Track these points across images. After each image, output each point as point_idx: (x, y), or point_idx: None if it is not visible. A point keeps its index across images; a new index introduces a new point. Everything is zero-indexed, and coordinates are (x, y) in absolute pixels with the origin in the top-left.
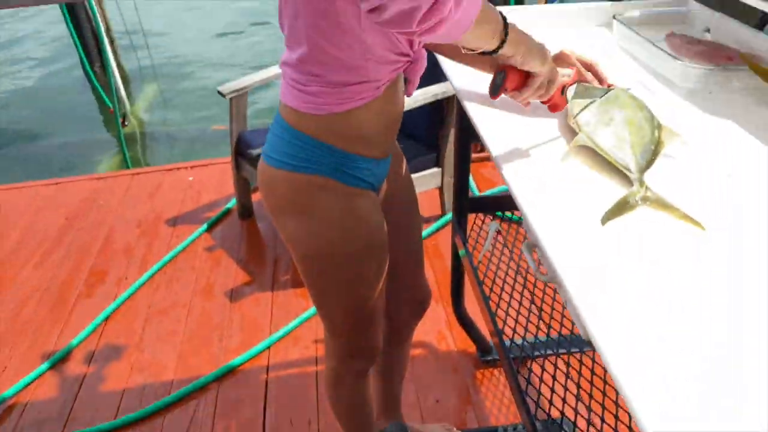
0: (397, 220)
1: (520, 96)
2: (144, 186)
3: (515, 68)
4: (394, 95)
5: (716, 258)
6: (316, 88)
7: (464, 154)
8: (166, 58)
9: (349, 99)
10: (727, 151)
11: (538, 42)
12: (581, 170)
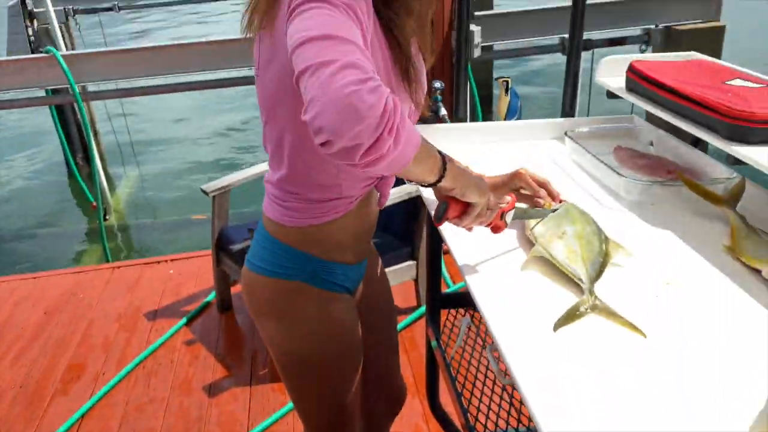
0: (373, 320)
1: (462, 223)
2: (124, 279)
3: (456, 199)
4: (367, 206)
5: (657, 364)
6: (294, 204)
7: (435, 251)
8: (148, 149)
9: (325, 213)
10: (667, 260)
11: (476, 175)
12: (539, 279)
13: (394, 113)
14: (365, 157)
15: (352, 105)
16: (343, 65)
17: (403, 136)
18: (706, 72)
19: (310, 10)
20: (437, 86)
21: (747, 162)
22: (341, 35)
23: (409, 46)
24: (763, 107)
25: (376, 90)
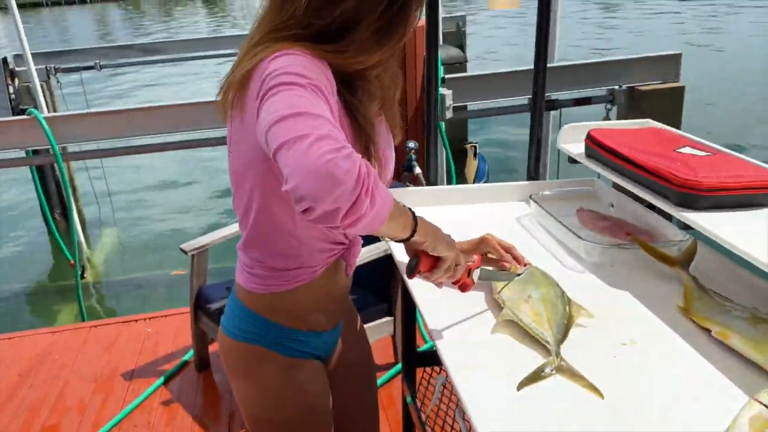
0: (350, 383)
1: (432, 277)
2: (101, 339)
3: (427, 253)
4: (333, 275)
5: (613, 425)
6: (258, 271)
7: (410, 308)
8: (128, 206)
9: (288, 281)
10: (625, 321)
11: (445, 234)
12: (508, 341)
13: (368, 176)
14: (345, 219)
15: (329, 172)
16: (318, 137)
17: (378, 197)
18: (659, 140)
19: (280, 92)
20: (411, 146)
21: (694, 227)
22: (312, 111)
23: (370, 127)
24: (708, 176)
25: (351, 156)
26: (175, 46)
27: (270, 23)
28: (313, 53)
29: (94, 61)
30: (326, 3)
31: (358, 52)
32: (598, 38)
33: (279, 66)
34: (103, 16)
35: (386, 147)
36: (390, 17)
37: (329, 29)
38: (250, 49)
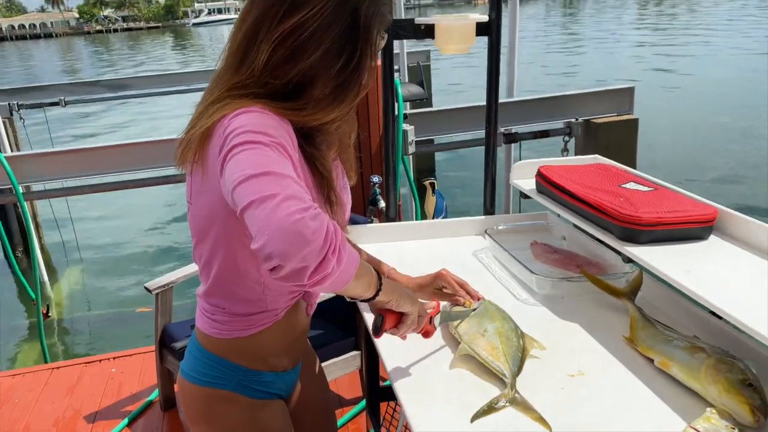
0: (311, 422)
1: (398, 332)
2: (63, 380)
3: (391, 311)
4: (295, 316)
5: None
6: (221, 317)
7: (373, 345)
8: (93, 244)
9: (251, 326)
10: (574, 353)
11: (407, 290)
12: (465, 374)
13: (336, 236)
14: (312, 277)
15: (297, 231)
16: (285, 197)
17: (344, 256)
18: (605, 175)
19: (244, 151)
20: (375, 180)
21: (635, 260)
22: (277, 171)
23: (330, 175)
24: (648, 211)
25: (318, 216)
26: (142, 81)
27: (228, 81)
28: (272, 110)
29: (59, 97)
30: (283, 63)
31: (315, 109)
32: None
33: (241, 124)
34: (69, 48)
35: (342, 190)
36: (345, 76)
37: (286, 88)
38: (209, 106)
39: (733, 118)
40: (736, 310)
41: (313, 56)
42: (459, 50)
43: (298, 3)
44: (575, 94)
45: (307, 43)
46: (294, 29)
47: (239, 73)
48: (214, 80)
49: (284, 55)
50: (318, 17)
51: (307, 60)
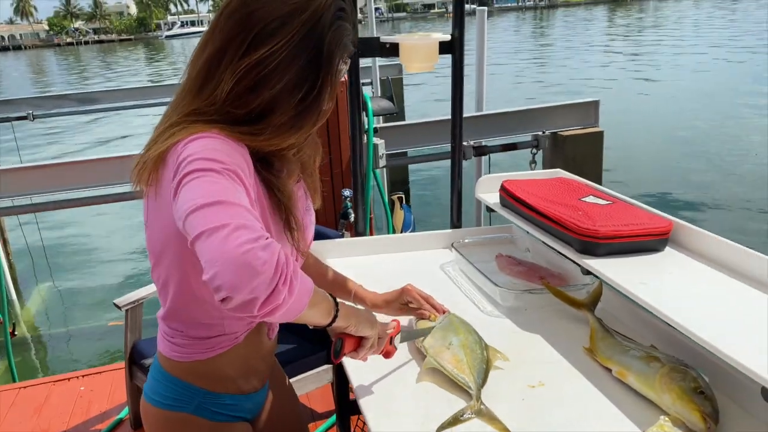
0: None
1: (358, 356)
2: (31, 400)
3: (350, 334)
4: (256, 339)
5: None
6: (180, 340)
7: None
8: (61, 257)
9: (210, 349)
10: (535, 363)
11: (366, 312)
12: (431, 387)
13: (287, 266)
14: (263, 308)
15: (247, 262)
16: (236, 227)
17: (296, 286)
18: (566, 189)
19: (196, 179)
20: (346, 194)
21: (593, 272)
22: (228, 200)
23: (289, 200)
24: (606, 225)
25: (269, 246)
26: (112, 95)
27: (188, 106)
28: (229, 135)
29: (27, 111)
30: (246, 93)
31: (272, 135)
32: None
33: (194, 151)
34: (38, 61)
35: (305, 213)
36: (306, 105)
37: (247, 117)
38: (167, 129)
39: (694, 131)
40: (688, 320)
41: (277, 87)
42: (423, 68)
43: (264, 35)
44: (542, 107)
45: (272, 74)
46: (259, 62)
47: (199, 98)
48: (173, 104)
49: (247, 85)
50: (284, 50)
51: (270, 90)
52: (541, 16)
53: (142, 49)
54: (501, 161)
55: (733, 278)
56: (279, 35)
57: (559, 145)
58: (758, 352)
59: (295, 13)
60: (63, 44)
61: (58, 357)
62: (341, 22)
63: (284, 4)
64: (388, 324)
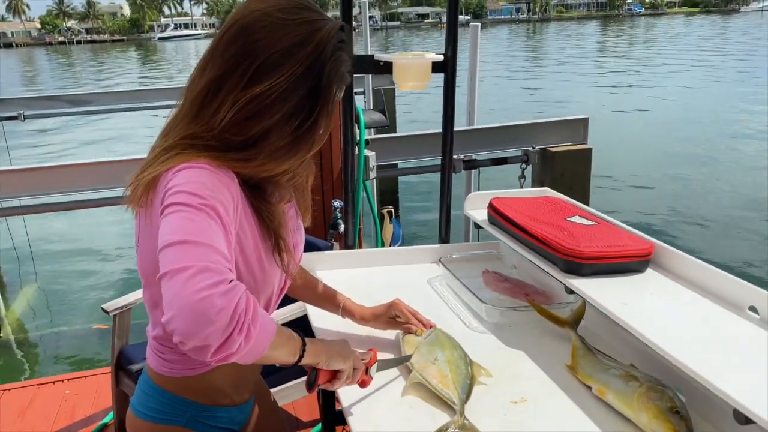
0: None
1: (333, 387)
2: (14, 403)
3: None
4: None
5: None
6: (170, 356)
7: None
8: (48, 259)
9: (201, 365)
10: (518, 380)
11: (338, 345)
12: (416, 401)
13: (245, 313)
14: (216, 355)
15: (201, 310)
16: (198, 270)
17: (254, 333)
18: (553, 209)
19: (174, 213)
20: (336, 205)
21: (577, 292)
22: (198, 240)
23: (279, 226)
24: (590, 245)
25: (228, 293)
26: (105, 97)
27: (185, 129)
28: (219, 164)
29: (18, 111)
30: (244, 122)
31: (266, 160)
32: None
33: (180, 182)
34: (30, 60)
35: (295, 231)
36: (301, 132)
37: (244, 144)
38: (162, 152)
39: (685, 148)
40: (666, 341)
41: (276, 116)
42: (416, 87)
43: (267, 68)
44: (532, 123)
45: (272, 105)
46: (261, 94)
47: (196, 123)
48: (170, 123)
49: (247, 115)
50: (285, 83)
51: (269, 120)
52: (533, 29)
53: (134, 50)
54: (490, 175)
55: (710, 301)
56: (282, 69)
57: (548, 160)
58: (731, 375)
59: (299, 46)
60: (55, 43)
61: (42, 360)
62: (339, 54)
63: (288, 35)
64: (365, 353)
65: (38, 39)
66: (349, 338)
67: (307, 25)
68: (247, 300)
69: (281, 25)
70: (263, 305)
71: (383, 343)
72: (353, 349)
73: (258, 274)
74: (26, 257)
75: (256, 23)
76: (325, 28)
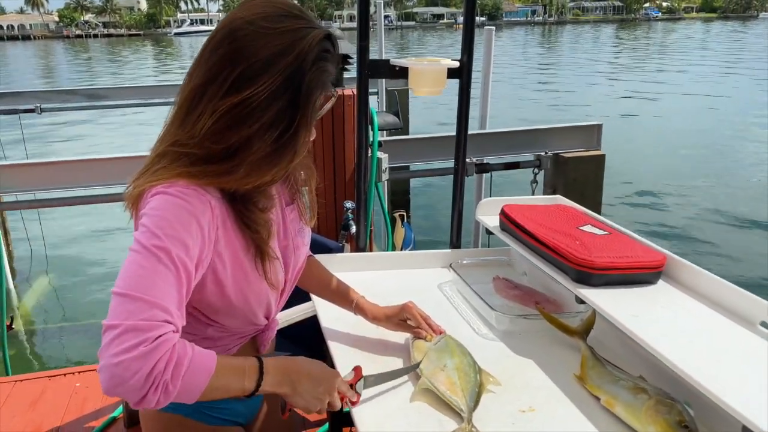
0: None
1: (307, 413)
2: (25, 394)
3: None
4: (249, 351)
5: None
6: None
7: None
8: (61, 251)
9: None
10: (526, 389)
11: (312, 368)
12: (424, 407)
13: (163, 372)
14: (137, 406)
15: (117, 373)
16: (125, 329)
17: (174, 389)
18: (565, 217)
19: (131, 253)
20: (348, 206)
21: (587, 302)
22: (135, 294)
23: (261, 234)
24: (602, 256)
25: (147, 355)
26: (121, 92)
27: (173, 136)
28: (198, 184)
29: (35, 104)
30: (224, 130)
31: (248, 171)
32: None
33: (149, 213)
34: (47, 52)
35: (297, 234)
36: (281, 143)
37: (225, 153)
38: (155, 160)
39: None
40: (676, 355)
41: (255, 126)
42: (431, 93)
43: (247, 76)
44: (545, 128)
45: (252, 114)
46: (240, 102)
47: (182, 129)
48: (165, 126)
49: (226, 124)
50: (265, 92)
51: (248, 129)
52: (549, 32)
53: (150, 45)
54: (502, 179)
55: (722, 315)
56: (262, 78)
57: (560, 166)
58: (741, 390)
59: (280, 56)
60: (72, 36)
61: (54, 352)
62: (322, 63)
63: (268, 45)
64: (348, 374)
65: (56, 32)
66: (359, 342)
67: (289, 35)
68: (170, 356)
69: (263, 33)
70: (263, 314)
71: (393, 347)
72: (333, 371)
73: (245, 287)
74: (40, 250)
75: (239, 31)
76: (307, 38)
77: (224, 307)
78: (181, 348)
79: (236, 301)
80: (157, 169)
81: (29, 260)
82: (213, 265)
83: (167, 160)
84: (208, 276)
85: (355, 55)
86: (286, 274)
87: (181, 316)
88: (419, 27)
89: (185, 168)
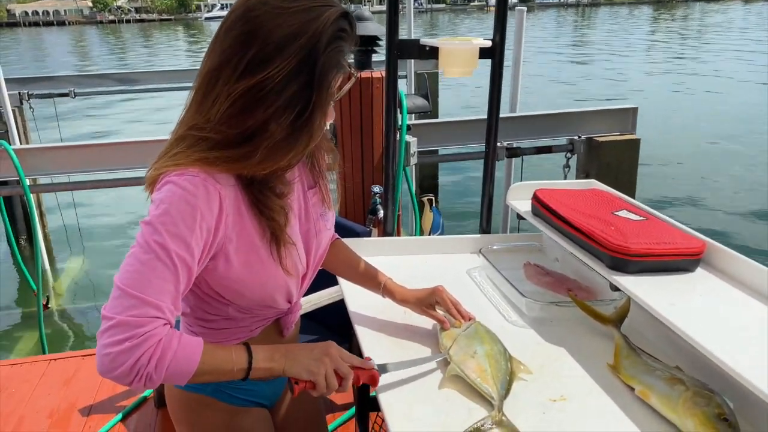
0: (300, 430)
1: (315, 393)
2: (60, 372)
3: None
4: (273, 333)
5: None
6: (197, 329)
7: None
8: (97, 236)
9: (226, 339)
10: (558, 378)
11: (308, 350)
12: (453, 394)
13: (147, 365)
14: (131, 386)
15: (106, 363)
16: (116, 324)
17: (159, 378)
18: (599, 202)
19: (133, 247)
20: (376, 191)
21: (622, 290)
22: (130, 291)
23: (277, 220)
24: (638, 242)
25: (132, 349)
26: (152, 76)
27: (191, 120)
28: (211, 171)
29: (69, 88)
30: (240, 113)
31: (264, 156)
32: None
33: (157, 204)
34: (81, 38)
35: (319, 217)
36: (297, 126)
37: (240, 137)
38: (174, 143)
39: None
40: (716, 345)
41: (270, 109)
42: (462, 73)
43: (261, 59)
44: (579, 111)
45: (266, 97)
46: (254, 86)
47: (199, 113)
48: (184, 109)
49: (242, 107)
50: (279, 75)
51: (264, 113)
52: (582, 14)
53: (182, 31)
54: (533, 164)
55: (764, 305)
56: (276, 60)
57: (594, 150)
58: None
59: (294, 37)
60: (105, 21)
61: (88, 332)
62: (339, 43)
63: (282, 26)
64: (351, 358)
65: (89, 17)
66: (386, 327)
67: (303, 14)
68: (155, 351)
69: (276, 14)
70: (283, 298)
71: (421, 332)
72: (340, 349)
73: (261, 272)
74: (74, 232)
75: (252, 12)
76: (322, 17)
77: (240, 291)
78: (166, 341)
79: (252, 285)
80: (175, 153)
81: (65, 242)
82: (225, 251)
83: (185, 144)
84: (220, 261)
85: (383, 36)
86: (308, 258)
87: (176, 309)
88: (449, 9)
89: (203, 153)
